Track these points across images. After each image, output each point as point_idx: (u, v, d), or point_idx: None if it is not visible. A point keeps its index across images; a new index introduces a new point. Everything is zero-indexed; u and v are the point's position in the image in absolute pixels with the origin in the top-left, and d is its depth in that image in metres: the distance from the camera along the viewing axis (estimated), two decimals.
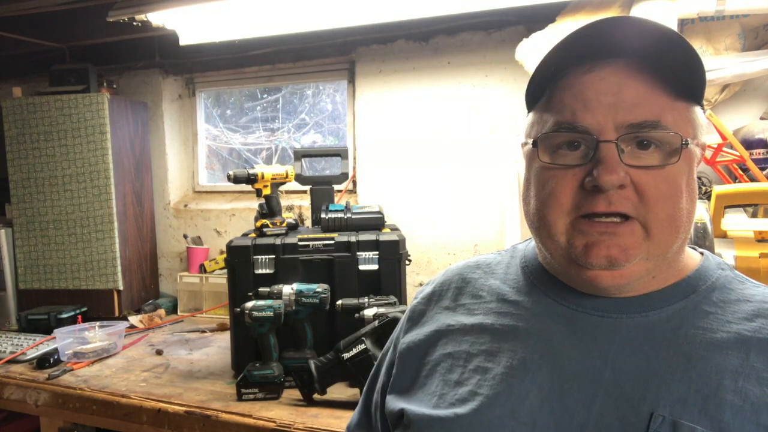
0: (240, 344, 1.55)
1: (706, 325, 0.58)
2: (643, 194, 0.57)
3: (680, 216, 0.58)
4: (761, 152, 1.46)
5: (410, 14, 1.71)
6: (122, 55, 2.43)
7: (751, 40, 1.57)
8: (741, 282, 0.64)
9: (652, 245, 0.58)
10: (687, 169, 0.59)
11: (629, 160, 0.57)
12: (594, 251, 0.58)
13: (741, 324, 0.58)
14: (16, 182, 2.17)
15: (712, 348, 0.57)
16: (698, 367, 0.56)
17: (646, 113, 0.56)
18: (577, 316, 0.63)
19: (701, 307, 0.60)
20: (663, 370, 0.56)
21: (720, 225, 1.24)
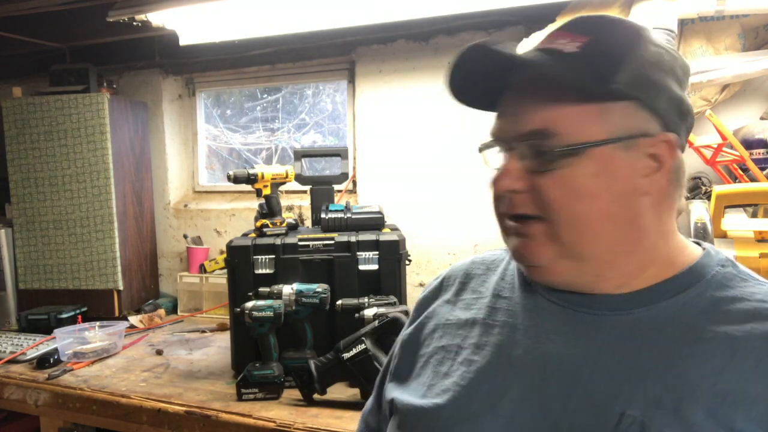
0: (240, 344, 1.55)
1: (694, 324, 0.57)
2: (541, 196, 0.60)
3: (590, 216, 0.58)
4: (761, 152, 1.46)
5: (410, 14, 1.71)
6: (122, 55, 2.43)
7: (751, 40, 1.57)
8: (743, 279, 0.61)
9: (562, 246, 0.60)
10: (601, 169, 0.58)
11: (529, 166, 0.60)
12: (512, 250, 0.65)
13: (732, 324, 0.56)
14: (16, 182, 2.17)
15: (696, 348, 0.55)
16: (678, 366, 0.55)
17: (535, 122, 0.59)
18: (565, 312, 0.63)
19: (692, 305, 0.59)
20: (642, 370, 0.56)
21: (720, 225, 1.24)
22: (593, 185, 0.58)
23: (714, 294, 0.60)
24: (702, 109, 1.58)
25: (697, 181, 1.58)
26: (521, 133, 0.60)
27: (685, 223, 1.18)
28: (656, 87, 0.59)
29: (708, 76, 1.50)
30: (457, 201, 2.00)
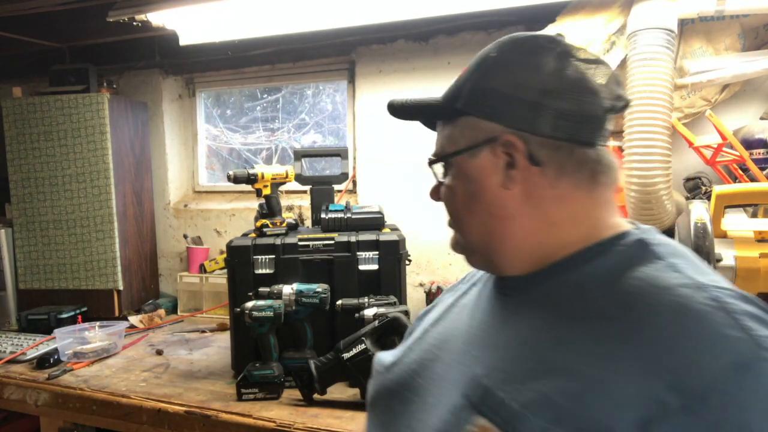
0: (240, 344, 1.55)
1: (562, 303, 0.61)
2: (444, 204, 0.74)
3: (461, 214, 0.71)
4: (761, 152, 1.46)
5: (410, 14, 1.71)
6: (122, 55, 2.43)
7: (751, 40, 1.57)
8: (635, 263, 0.60)
9: (461, 240, 0.73)
10: (462, 175, 0.69)
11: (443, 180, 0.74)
12: None
13: (594, 308, 0.58)
14: (16, 182, 2.17)
15: (558, 324, 0.59)
16: (530, 341, 0.60)
17: (436, 146, 0.74)
18: (491, 294, 0.73)
19: (568, 286, 0.62)
20: (506, 342, 0.63)
21: (720, 225, 1.24)
22: (457, 189, 0.70)
23: (593, 272, 0.62)
24: (702, 109, 1.58)
25: (697, 181, 1.58)
26: (433, 154, 0.74)
27: (686, 223, 1.19)
28: (492, 97, 0.66)
29: (708, 76, 1.50)
30: None
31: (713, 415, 0.47)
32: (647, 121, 1.42)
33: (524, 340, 0.61)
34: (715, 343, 0.49)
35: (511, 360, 0.60)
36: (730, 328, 0.50)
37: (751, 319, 0.51)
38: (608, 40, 1.55)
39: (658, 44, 1.42)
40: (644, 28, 1.44)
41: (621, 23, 1.53)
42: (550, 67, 0.64)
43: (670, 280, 0.56)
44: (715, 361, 0.48)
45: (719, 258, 1.16)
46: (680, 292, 0.54)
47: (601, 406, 0.50)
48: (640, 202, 1.47)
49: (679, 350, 0.50)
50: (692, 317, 0.51)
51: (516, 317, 0.65)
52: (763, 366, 0.48)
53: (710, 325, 0.50)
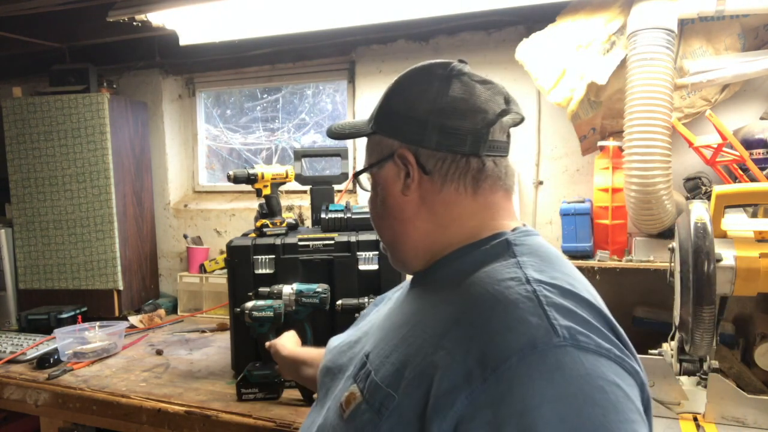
0: (240, 344, 1.55)
1: (432, 292, 0.72)
2: None
3: (375, 220, 0.81)
4: (761, 152, 1.46)
5: (410, 14, 1.71)
6: (122, 55, 2.43)
7: (751, 40, 1.57)
8: (496, 259, 0.68)
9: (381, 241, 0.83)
10: (373, 186, 0.80)
11: None
12: None
13: (444, 291, 0.69)
14: (16, 182, 2.17)
15: (424, 309, 0.70)
16: (406, 326, 0.69)
17: (365, 161, 0.83)
18: (406, 289, 0.82)
19: (441, 278, 0.72)
20: (391, 324, 0.73)
21: (720, 225, 1.24)
22: (373, 197, 0.80)
23: (457, 269, 0.71)
24: (702, 109, 1.58)
25: (697, 181, 1.58)
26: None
27: (686, 223, 1.19)
28: (393, 117, 0.76)
29: (708, 76, 1.50)
30: None
31: (501, 387, 0.53)
32: (647, 121, 1.42)
33: (401, 323, 0.71)
34: (517, 327, 0.56)
35: (387, 339, 0.70)
36: (533, 315, 0.56)
37: (558, 310, 0.57)
38: (608, 40, 1.55)
39: (658, 44, 1.42)
40: (644, 28, 1.44)
41: (621, 23, 1.53)
42: (434, 89, 0.73)
43: (504, 274, 0.64)
44: (513, 342, 0.55)
45: (719, 258, 1.16)
46: (505, 284, 0.62)
47: (431, 379, 0.58)
48: (640, 202, 1.47)
49: (488, 331, 0.57)
50: (505, 305, 0.59)
51: (406, 305, 0.75)
52: (552, 351, 0.53)
53: (517, 311, 0.57)
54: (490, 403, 0.53)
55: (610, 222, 1.66)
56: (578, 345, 0.54)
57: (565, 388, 0.52)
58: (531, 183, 1.93)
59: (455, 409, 0.54)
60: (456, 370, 0.56)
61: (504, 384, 0.53)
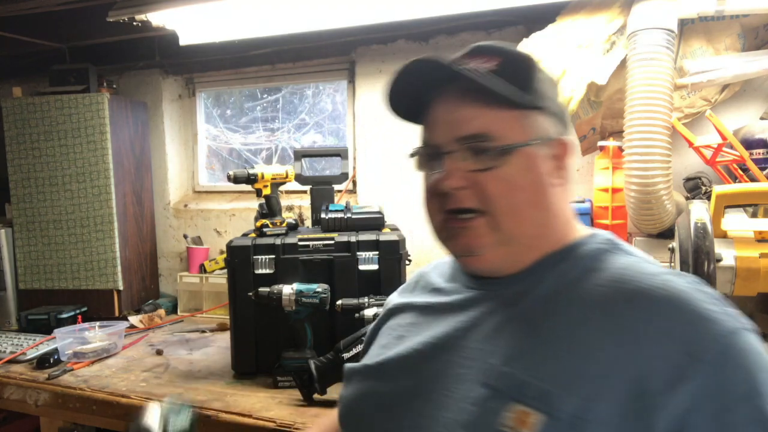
0: (240, 344, 1.55)
1: (555, 293, 0.67)
2: (483, 191, 0.69)
3: (523, 207, 0.69)
4: (761, 152, 1.46)
5: (410, 14, 1.71)
6: (122, 55, 2.43)
7: (751, 40, 1.57)
8: (612, 254, 0.70)
9: (500, 234, 0.69)
10: (527, 166, 0.69)
11: (469, 166, 0.69)
12: (452, 243, 0.73)
13: (594, 290, 0.65)
14: (16, 182, 2.17)
15: (569, 316, 0.64)
16: (541, 329, 0.64)
17: (473, 127, 0.69)
18: (474, 294, 0.75)
19: (561, 277, 0.69)
20: (514, 331, 0.66)
21: (720, 225, 1.24)
22: (523, 179, 0.69)
23: (583, 267, 0.69)
24: (702, 109, 1.58)
25: (697, 181, 1.58)
26: (461, 137, 0.69)
27: (686, 223, 1.19)
28: (552, 99, 0.73)
29: (708, 76, 1.50)
30: None
31: (718, 375, 0.55)
32: (647, 121, 1.41)
33: (532, 329, 0.65)
34: (710, 316, 0.58)
35: (526, 348, 0.63)
36: (711, 304, 0.59)
37: (718, 298, 0.61)
38: (608, 40, 1.55)
39: (658, 44, 1.42)
40: (644, 28, 1.44)
41: (621, 23, 1.53)
42: (552, 79, 0.76)
43: (652, 269, 0.65)
44: (715, 330, 0.57)
45: (719, 258, 1.16)
46: (665, 277, 0.63)
47: (637, 381, 0.56)
48: (640, 202, 1.47)
49: (685, 323, 0.58)
50: (685, 296, 0.60)
51: (521, 310, 0.68)
52: (743, 334, 0.58)
53: (699, 302, 0.59)
54: (712, 393, 0.54)
55: (610, 222, 1.66)
56: (747, 327, 0.59)
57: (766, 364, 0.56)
58: None
59: (676, 405, 0.54)
60: (665, 367, 0.56)
61: (719, 371, 0.55)
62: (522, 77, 0.70)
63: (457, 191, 0.70)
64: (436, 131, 0.73)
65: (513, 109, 0.69)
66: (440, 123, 0.73)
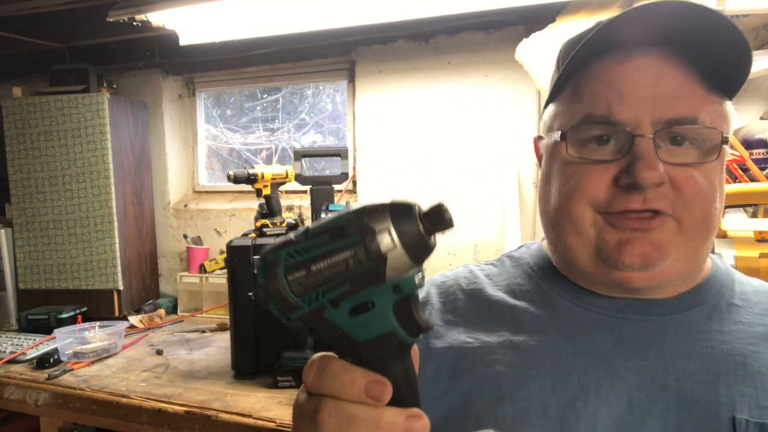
0: (240, 344, 1.55)
1: (743, 320, 0.57)
2: (681, 191, 0.54)
3: (714, 216, 0.56)
4: (761, 152, 1.46)
5: (410, 14, 1.71)
6: (122, 55, 2.43)
7: (751, 40, 1.56)
8: (741, 274, 0.65)
9: (684, 244, 0.56)
10: (720, 168, 0.57)
11: (666, 157, 0.54)
12: (628, 249, 0.55)
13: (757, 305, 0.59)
14: (16, 182, 2.17)
15: (758, 341, 0.55)
16: (756, 363, 0.54)
17: (684, 109, 0.54)
18: (617, 323, 0.58)
19: (732, 302, 0.59)
20: (725, 371, 0.53)
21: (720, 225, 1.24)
22: (719, 183, 0.56)
23: (739, 290, 0.61)
24: None
25: None
26: (667, 119, 0.54)
27: None
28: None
29: None
30: (457, 201, 2.00)
31: None
32: None
33: (745, 363, 0.54)
34: None
35: (764, 386, 0.54)
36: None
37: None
38: None
39: None
40: None
41: None
42: None
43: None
44: None
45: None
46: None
47: None
48: None
49: None
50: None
51: (703, 344, 0.56)
52: None
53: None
54: None
55: None
56: None
57: None
58: (531, 183, 1.93)
59: None
60: None
61: None
62: (743, 60, 0.54)
63: (654, 188, 0.54)
64: (627, 105, 0.54)
65: (717, 93, 0.56)
66: (633, 96, 0.55)
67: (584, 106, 0.57)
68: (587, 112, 0.56)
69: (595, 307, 0.60)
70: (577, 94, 0.58)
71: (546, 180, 0.63)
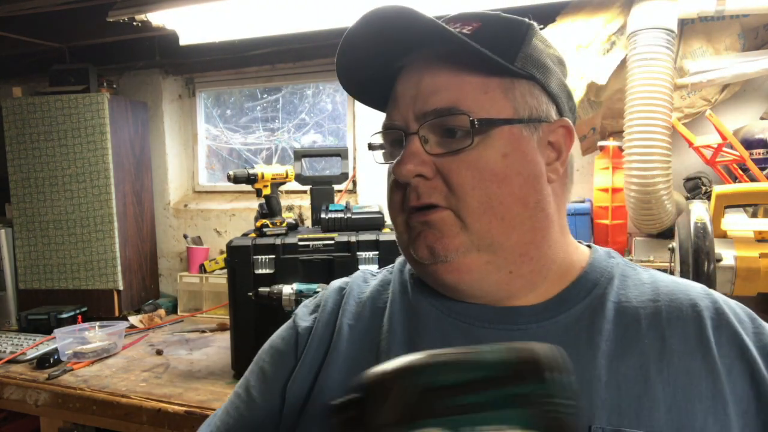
0: (240, 344, 1.55)
1: (617, 319, 0.55)
2: (449, 183, 0.54)
3: (500, 202, 0.54)
4: (761, 152, 1.46)
5: None
6: (122, 55, 2.43)
7: (751, 40, 1.57)
8: (632, 268, 0.62)
9: (473, 235, 0.54)
10: (512, 149, 0.54)
11: (435, 149, 0.55)
12: (417, 243, 0.56)
13: (647, 307, 0.56)
14: (16, 182, 2.17)
15: (629, 341, 0.54)
16: (622, 366, 0.53)
17: (440, 100, 0.54)
18: (482, 333, 0.56)
19: (607, 300, 0.57)
20: (588, 377, 0.52)
21: (720, 225, 1.24)
22: (504, 167, 0.54)
23: (619, 285, 0.59)
24: (702, 109, 1.58)
25: (697, 181, 1.58)
26: (424, 113, 0.55)
27: (686, 223, 1.18)
28: (547, 69, 0.58)
29: (708, 76, 1.50)
30: None
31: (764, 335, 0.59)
32: (647, 121, 1.41)
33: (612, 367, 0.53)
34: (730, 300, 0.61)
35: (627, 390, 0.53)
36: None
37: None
38: (608, 40, 1.55)
39: (658, 44, 1.42)
40: (644, 28, 1.44)
41: (621, 23, 1.53)
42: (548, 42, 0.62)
43: (671, 277, 0.62)
44: (743, 309, 0.62)
45: (719, 258, 1.16)
46: (694, 283, 0.62)
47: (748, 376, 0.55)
48: (640, 203, 1.47)
49: (729, 309, 0.59)
50: (722, 302, 0.60)
51: (569, 350, 0.51)
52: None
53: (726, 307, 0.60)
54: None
55: (610, 222, 1.66)
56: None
57: None
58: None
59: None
60: (748, 346, 0.56)
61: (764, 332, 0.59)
62: (506, 40, 0.56)
63: (419, 182, 0.55)
64: (398, 109, 0.57)
65: (493, 77, 0.55)
66: (402, 98, 0.57)
67: (384, 119, 0.61)
68: (383, 123, 0.61)
69: (456, 314, 0.58)
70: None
71: None
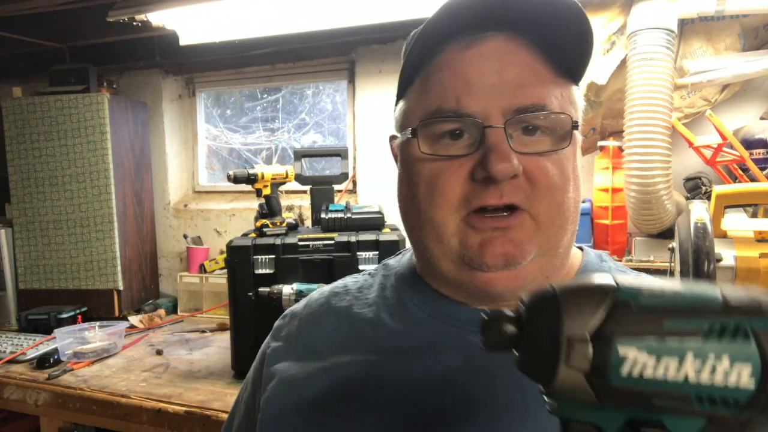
0: (240, 344, 1.55)
1: None
2: (534, 183, 0.52)
3: (569, 206, 0.54)
4: (761, 152, 1.46)
5: (410, 14, 1.71)
6: (122, 55, 2.43)
7: (751, 40, 1.57)
8: (624, 272, 0.63)
9: (542, 239, 0.53)
10: (573, 155, 0.55)
11: (518, 147, 0.52)
12: (489, 250, 0.52)
13: None
14: (16, 182, 2.17)
15: None
16: None
17: (532, 96, 0.52)
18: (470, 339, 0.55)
19: None
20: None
21: (720, 225, 1.24)
22: (571, 170, 0.54)
23: None
24: (702, 109, 1.58)
25: (697, 181, 1.58)
26: (520, 107, 0.51)
27: (686, 223, 1.18)
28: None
29: (708, 76, 1.50)
30: None
31: None
32: (647, 121, 1.42)
33: None
34: None
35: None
36: None
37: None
38: (608, 40, 1.55)
39: (658, 44, 1.42)
40: (644, 28, 1.44)
41: (621, 23, 1.53)
42: None
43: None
44: None
45: (719, 258, 1.16)
46: None
47: None
48: (640, 202, 1.47)
49: None
50: None
51: None
52: None
53: None
54: None
55: (610, 222, 1.66)
56: None
57: None
58: None
59: None
60: None
61: None
62: (581, 38, 0.53)
63: (509, 181, 0.51)
64: (475, 96, 0.52)
65: (563, 76, 0.54)
66: (481, 86, 0.52)
67: (434, 99, 0.54)
68: (437, 106, 0.54)
69: (453, 320, 0.57)
70: (426, 86, 0.55)
71: (402, 182, 0.59)
